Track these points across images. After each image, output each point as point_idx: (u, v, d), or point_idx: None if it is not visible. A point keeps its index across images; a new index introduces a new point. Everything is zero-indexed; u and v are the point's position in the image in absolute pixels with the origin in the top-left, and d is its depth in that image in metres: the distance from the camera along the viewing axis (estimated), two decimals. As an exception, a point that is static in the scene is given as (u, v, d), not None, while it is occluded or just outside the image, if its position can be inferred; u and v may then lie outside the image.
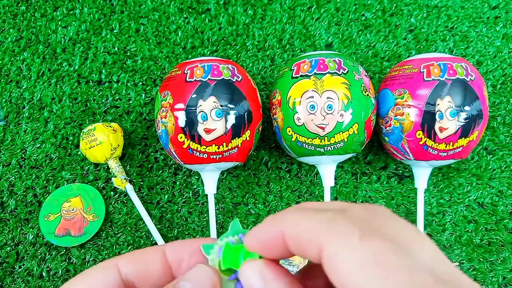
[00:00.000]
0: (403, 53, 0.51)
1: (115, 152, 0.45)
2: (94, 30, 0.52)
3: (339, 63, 0.40)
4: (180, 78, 0.40)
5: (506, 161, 0.48)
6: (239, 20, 0.53)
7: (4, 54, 0.51)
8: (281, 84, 0.41)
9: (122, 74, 0.50)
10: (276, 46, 0.52)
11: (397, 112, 0.40)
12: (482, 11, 0.53)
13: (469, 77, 0.39)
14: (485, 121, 0.40)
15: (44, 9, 0.53)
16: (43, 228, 0.44)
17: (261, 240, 0.16)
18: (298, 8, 0.53)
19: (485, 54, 0.51)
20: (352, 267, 0.13)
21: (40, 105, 0.50)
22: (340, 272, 0.13)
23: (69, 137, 0.48)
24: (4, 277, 0.44)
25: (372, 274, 0.12)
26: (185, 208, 0.46)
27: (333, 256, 0.13)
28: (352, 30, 0.52)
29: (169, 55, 0.51)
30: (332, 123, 0.39)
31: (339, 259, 0.13)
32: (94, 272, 0.17)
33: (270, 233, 0.16)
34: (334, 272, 0.13)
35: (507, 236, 0.45)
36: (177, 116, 0.39)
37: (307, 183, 0.47)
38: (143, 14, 0.53)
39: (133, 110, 0.49)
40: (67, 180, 0.47)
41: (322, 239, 0.14)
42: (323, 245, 0.14)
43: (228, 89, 0.39)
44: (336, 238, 0.14)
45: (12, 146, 0.48)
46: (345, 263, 0.13)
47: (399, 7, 0.53)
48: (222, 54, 0.52)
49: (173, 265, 0.18)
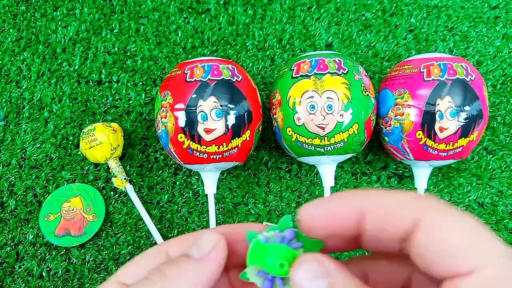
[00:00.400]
0: (403, 53, 0.51)
1: (115, 152, 0.45)
2: (94, 30, 0.52)
3: (339, 63, 0.40)
4: (180, 78, 0.40)
5: (506, 161, 0.48)
6: (239, 20, 0.53)
7: (4, 54, 0.51)
8: (281, 84, 0.41)
9: (122, 74, 0.51)
10: (276, 46, 0.52)
11: (397, 112, 0.40)
12: (482, 11, 0.53)
13: (469, 77, 0.39)
14: (485, 121, 0.40)
15: (44, 9, 0.53)
16: (43, 228, 0.44)
17: (332, 213, 0.16)
18: (298, 8, 0.53)
19: (485, 54, 0.51)
20: (456, 233, 0.13)
21: (40, 105, 0.50)
22: (442, 240, 0.13)
23: (69, 137, 0.48)
24: (4, 277, 0.44)
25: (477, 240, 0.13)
26: (185, 208, 0.46)
27: (437, 225, 0.14)
28: (352, 30, 0.52)
29: (169, 55, 0.51)
30: (332, 123, 0.39)
31: (444, 226, 0.14)
32: (146, 255, 0.18)
33: (345, 206, 0.16)
34: (434, 241, 0.14)
35: (507, 236, 0.45)
36: (177, 116, 0.39)
37: (307, 183, 0.47)
38: (143, 14, 0.53)
39: (133, 110, 0.49)
40: (67, 180, 0.47)
41: (420, 209, 0.14)
42: (422, 215, 0.14)
43: (228, 89, 0.39)
44: (437, 209, 0.14)
45: (12, 146, 0.48)
46: (449, 230, 0.13)
47: (399, 7, 0.53)
48: (222, 54, 0.52)
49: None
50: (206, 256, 0.17)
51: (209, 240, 0.17)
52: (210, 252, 0.17)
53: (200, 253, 0.17)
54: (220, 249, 0.17)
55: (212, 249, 0.17)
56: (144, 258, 0.18)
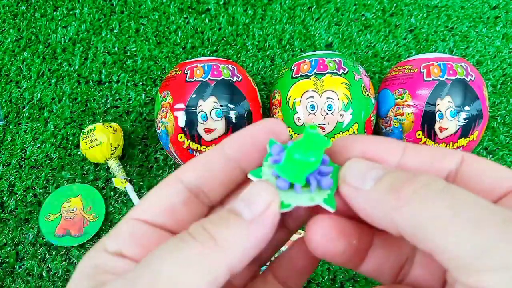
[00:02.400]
0: (403, 53, 0.51)
1: (115, 152, 0.45)
2: (94, 30, 0.52)
3: (339, 63, 0.40)
4: (180, 78, 0.40)
5: (506, 161, 0.47)
6: (239, 20, 0.53)
7: (4, 54, 0.51)
8: (281, 84, 0.41)
9: (122, 74, 0.50)
10: (276, 46, 0.52)
11: (397, 112, 0.40)
12: (482, 11, 0.53)
13: (469, 77, 0.39)
14: (485, 121, 0.40)
15: (44, 9, 0.53)
16: (43, 228, 0.44)
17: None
18: (298, 8, 0.53)
19: (485, 54, 0.51)
20: None
21: (40, 105, 0.50)
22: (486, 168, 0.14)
23: (69, 137, 0.48)
24: (4, 277, 0.44)
25: None
26: (185, 208, 0.46)
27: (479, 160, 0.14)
28: (352, 30, 0.52)
29: (169, 55, 0.51)
30: (332, 123, 0.39)
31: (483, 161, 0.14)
32: (157, 192, 0.16)
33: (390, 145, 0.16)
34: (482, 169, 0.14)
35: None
36: (177, 116, 0.39)
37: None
38: (143, 14, 0.53)
39: (133, 110, 0.49)
40: (67, 180, 0.47)
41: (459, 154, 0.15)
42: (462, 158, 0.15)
43: (228, 89, 0.39)
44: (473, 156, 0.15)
45: (12, 146, 0.48)
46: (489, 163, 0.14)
47: (399, 7, 0.53)
48: (222, 54, 0.52)
49: (236, 160, 0.16)
50: (258, 218, 0.14)
51: (263, 197, 0.14)
52: (264, 212, 0.14)
53: (252, 214, 0.14)
54: (275, 210, 0.14)
55: (267, 209, 0.14)
56: (163, 191, 0.16)
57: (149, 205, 0.16)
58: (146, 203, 0.16)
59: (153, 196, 0.16)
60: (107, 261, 0.15)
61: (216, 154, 0.16)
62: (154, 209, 0.16)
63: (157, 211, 0.16)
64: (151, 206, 0.16)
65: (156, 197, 0.16)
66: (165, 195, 0.16)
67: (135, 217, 0.16)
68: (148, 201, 0.16)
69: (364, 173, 0.14)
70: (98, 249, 0.15)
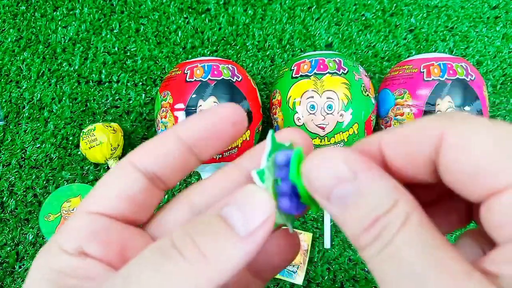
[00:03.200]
0: (403, 53, 0.51)
1: (115, 152, 0.45)
2: (94, 30, 0.52)
3: (339, 63, 0.40)
4: (180, 78, 0.40)
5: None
6: (239, 20, 0.53)
7: (4, 54, 0.51)
8: (281, 84, 0.41)
9: (122, 74, 0.51)
10: (276, 46, 0.52)
11: (397, 112, 0.40)
12: (482, 11, 0.53)
13: (469, 77, 0.39)
14: (485, 121, 0.40)
15: (44, 9, 0.53)
16: (43, 228, 0.44)
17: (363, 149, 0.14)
18: (298, 8, 0.53)
19: (485, 54, 0.51)
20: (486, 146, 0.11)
21: (40, 105, 0.50)
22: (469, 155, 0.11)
23: (69, 137, 0.48)
24: (4, 277, 0.44)
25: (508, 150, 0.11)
26: (185, 208, 0.46)
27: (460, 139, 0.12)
28: (352, 30, 0.52)
29: (169, 55, 0.51)
30: (332, 123, 0.39)
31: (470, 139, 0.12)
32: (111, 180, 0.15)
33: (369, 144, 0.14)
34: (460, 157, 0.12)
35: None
36: (177, 116, 0.39)
37: (307, 183, 0.47)
38: (143, 14, 0.53)
39: (133, 110, 0.49)
40: (67, 180, 0.47)
41: (443, 126, 0.12)
42: (444, 132, 0.12)
43: (228, 89, 0.39)
44: (461, 122, 0.12)
45: (12, 146, 0.48)
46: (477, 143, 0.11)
47: (399, 7, 0.53)
48: (222, 54, 0.52)
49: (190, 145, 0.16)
50: (252, 234, 0.13)
51: (261, 211, 0.13)
52: (259, 228, 0.13)
53: (246, 230, 0.13)
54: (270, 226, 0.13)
55: (263, 224, 0.13)
56: (117, 179, 0.15)
57: (103, 196, 0.15)
58: (99, 193, 0.15)
59: (107, 185, 0.15)
60: (67, 262, 0.13)
61: (170, 138, 0.15)
62: (110, 199, 0.14)
63: (114, 201, 0.14)
64: (106, 196, 0.14)
65: (110, 186, 0.15)
66: (121, 183, 0.15)
67: (90, 210, 0.14)
68: (102, 191, 0.15)
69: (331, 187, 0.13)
70: (53, 249, 0.14)
